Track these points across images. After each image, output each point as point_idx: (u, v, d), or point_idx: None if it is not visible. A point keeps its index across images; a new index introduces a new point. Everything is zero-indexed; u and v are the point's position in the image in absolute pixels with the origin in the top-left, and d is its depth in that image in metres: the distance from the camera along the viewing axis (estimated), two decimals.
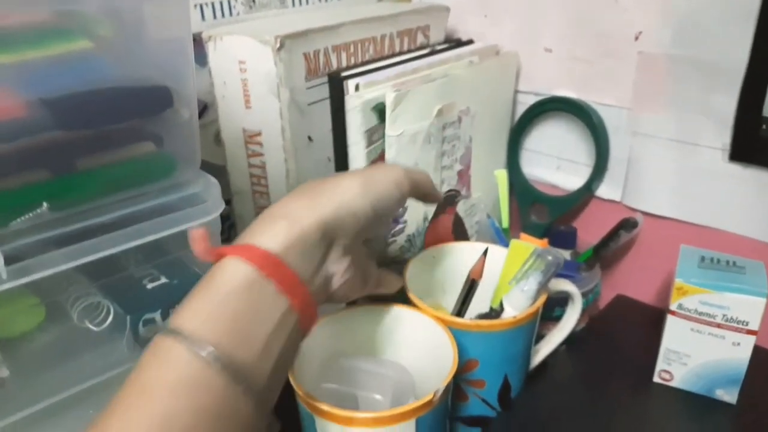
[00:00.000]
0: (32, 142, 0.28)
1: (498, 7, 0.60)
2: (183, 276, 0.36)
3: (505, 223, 0.56)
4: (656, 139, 0.53)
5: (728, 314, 0.44)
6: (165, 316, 0.34)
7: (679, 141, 0.52)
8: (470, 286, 0.44)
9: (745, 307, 0.43)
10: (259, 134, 0.48)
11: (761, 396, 0.46)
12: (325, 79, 0.49)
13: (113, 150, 0.31)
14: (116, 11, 0.32)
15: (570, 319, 0.49)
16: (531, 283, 0.43)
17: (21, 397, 0.30)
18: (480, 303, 0.47)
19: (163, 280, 0.35)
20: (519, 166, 0.62)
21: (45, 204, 0.28)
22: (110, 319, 0.33)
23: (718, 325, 0.44)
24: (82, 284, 0.34)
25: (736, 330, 0.44)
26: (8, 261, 0.26)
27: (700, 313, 0.45)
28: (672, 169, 0.53)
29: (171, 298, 0.34)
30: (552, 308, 0.52)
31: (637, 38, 0.52)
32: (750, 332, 0.44)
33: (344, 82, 0.48)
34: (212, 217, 0.34)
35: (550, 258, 0.43)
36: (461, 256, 0.50)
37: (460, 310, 0.45)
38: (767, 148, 0.47)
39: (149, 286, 0.35)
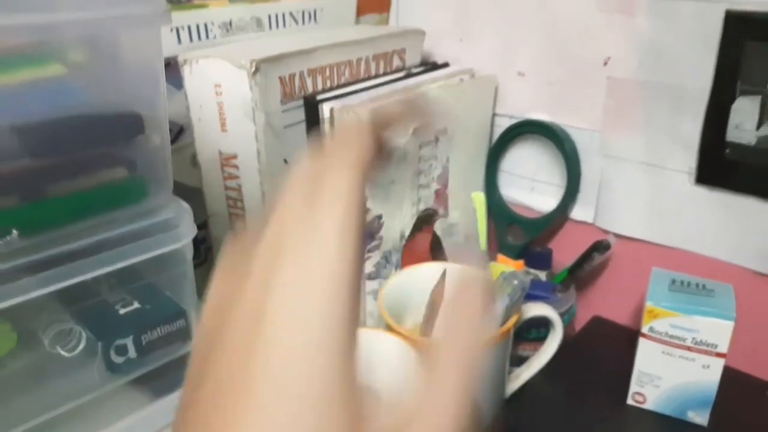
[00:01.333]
0: (1, 168, 0.28)
1: (473, 31, 0.61)
2: (155, 301, 0.36)
3: (483, 245, 0.56)
4: (626, 162, 0.54)
5: (697, 337, 0.45)
6: (137, 341, 0.33)
7: (648, 164, 0.53)
8: (431, 308, 0.45)
9: (714, 330, 0.44)
10: (235, 157, 0.48)
11: (732, 418, 0.47)
12: (301, 102, 0.49)
13: (84, 175, 0.31)
14: (90, 37, 0.32)
15: (551, 345, 0.50)
16: (498, 307, 0.44)
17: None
18: None
19: (136, 305, 0.35)
20: (497, 187, 0.63)
21: (14, 231, 0.27)
22: (82, 345, 0.33)
23: (688, 348, 0.45)
24: (54, 310, 0.34)
25: (706, 353, 0.45)
26: None
27: (671, 336, 0.46)
28: (642, 192, 0.54)
29: (143, 323, 0.34)
30: (528, 330, 0.53)
31: (605, 63, 0.53)
32: (719, 355, 0.44)
33: (319, 105, 0.48)
34: (184, 243, 0.34)
35: (515, 282, 0.43)
36: (438, 275, 0.51)
37: (425, 330, 0.45)
38: (731, 171, 0.48)
39: (122, 311, 0.35)
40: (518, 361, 0.51)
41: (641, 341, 0.47)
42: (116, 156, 0.32)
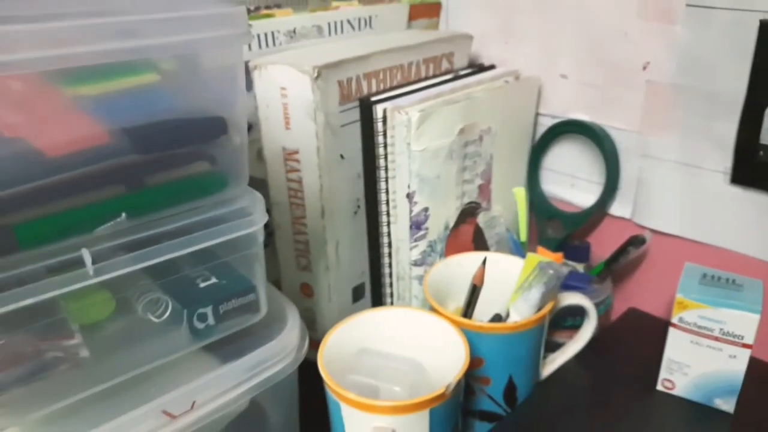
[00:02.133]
0: (113, 163, 0.33)
1: (518, 35, 0.65)
2: (229, 277, 0.41)
3: (523, 237, 0.60)
4: (664, 162, 0.57)
5: (725, 328, 0.47)
6: (215, 310, 0.39)
7: (685, 164, 0.55)
8: (472, 291, 0.49)
9: (741, 322, 0.46)
10: (296, 152, 0.53)
11: (757, 406, 0.49)
12: (357, 103, 0.54)
13: (175, 169, 0.37)
14: (181, 53, 0.38)
15: (586, 332, 0.53)
16: (534, 294, 0.47)
17: (96, 375, 0.36)
18: (495, 309, 0.51)
19: (213, 280, 0.41)
20: (538, 183, 0.66)
21: (123, 214, 0.33)
22: (168, 312, 0.39)
23: (716, 338, 0.48)
24: (145, 282, 0.40)
25: (733, 343, 0.47)
26: (93, 261, 0.32)
27: (700, 327, 0.48)
28: (678, 190, 0.56)
29: (221, 295, 0.40)
30: (564, 318, 0.56)
31: (645, 68, 0.55)
32: (745, 346, 0.47)
33: (374, 107, 0.53)
34: (256, 228, 0.39)
35: (551, 272, 0.47)
36: (475, 268, 0.55)
37: (466, 312, 0.49)
38: (765, 172, 0.50)
39: (202, 285, 0.40)
40: (554, 347, 0.55)
41: (671, 331, 0.49)
42: (202, 153, 0.37)
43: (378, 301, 0.61)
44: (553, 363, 0.54)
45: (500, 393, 0.49)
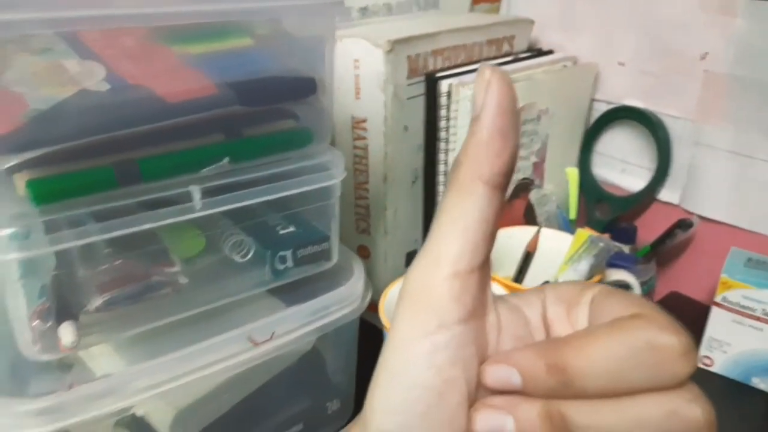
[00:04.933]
0: (219, 112, 0.38)
1: (577, 22, 0.67)
2: (306, 226, 0.45)
3: (573, 215, 0.63)
4: (716, 150, 0.59)
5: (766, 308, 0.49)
6: (294, 254, 0.43)
7: (737, 153, 0.57)
8: (526, 257, 0.52)
9: None
10: (364, 121, 0.57)
11: None
12: (423, 78, 0.57)
13: (269, 123, 0.41)
14: (275, 18, 0.42)
15: None
16: (583, 265, 0.50)
17: (191, 301, 0.40)
18: (544, 279, 0.54)
19: (292, 228, 0.45)
20: (589, 166, 0.69)
21: (227, 159, 0.37)
22: (251, 253, 0.43)
23: (758, 318, 0.50)
24: (231, 225, 0.44)
25: None
26: (196, 196, 0.37)
27: (742, 307, 0.51)
28: (728, 178, 0.58)
29: (299, 241, 0.44)
30: None
31: (703, 58, 0.57)
32: None
33: (439, 82, 0.56)
34: (336, 181, 0.43)
35: (601, 245, 0.50)
36: (529, 237, 0.58)
37: (517, 277, 0.52)
38: None
39: (281, 231, 0.44)
40: None
41: (714, 309, 0.52)
42: (292, 110, 0.41)
43: None
44: None
45: None
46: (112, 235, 0.35)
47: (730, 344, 0.52)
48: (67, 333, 0.35)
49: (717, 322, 0.52)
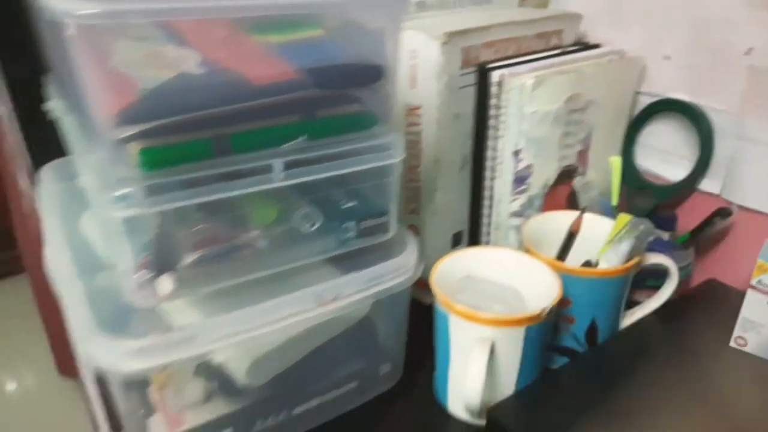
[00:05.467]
0: (298, 94, 0.42)
1: (625, 17, 0.69)
2: (366, 202, 0.50)
3: (615, 202, 0.66)
4: (757, 143, 0.61)
5: None
6: (357, 225, 0.48)
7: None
8: (569, 237, 0.55)
9: None
10: (419, 108, 0.61)
11: None
12: (475, 68, 0.61)
13: (341, 106, 0.45)
14: (345, 11, 0.46)
15: (666, 289, 0.58)
16: (624, 246, 0.53)
17: (267, 262, 0.45)
18: (586, 259, 0.58)
19: (354, 203, 0.50)
20: (632, 156, 0.71)
21: (305, 136, 0.42)
22: (318, 224, 0.48)
23: None
24: (300, 198, 0.49)
25: None
26: (277, 169, 0.41)
27: None
28: (759, 167, 0.60)
29: (359, 215, 0.49)
30: (646, 278, 0.62)
31: (748, 53, 0.59)
32: None
33: (490, 72, 0.60)
34: (396, 160, 0.47)
35: (642, 227, 0.53)
36: (572, 220, 0.61)
37: (561, 255, 0.56)
38: None
39: (345, 205, 0.49)
40: (634, 305, 0.60)
41: (749, 292, 0.54)
42: (360, 95, 0.46)
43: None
44: (633, 316, 0.60)
45: (582, 333, 0.56)
46: (203, 200, 0.40)
47: (764, 325, 0.54)
48: (166, 283, 0.41)
49: (752, 304, 0.54)
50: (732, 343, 0.57)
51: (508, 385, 0.50)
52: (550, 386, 0.52)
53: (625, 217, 0.56)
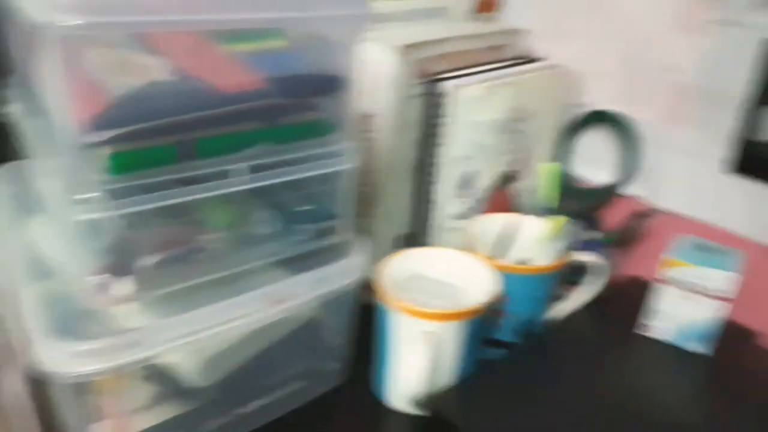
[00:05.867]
0: (261, 103, 0.45)
1: (565, 34, 0.75)
2: (320, 206, 0.53)
3: (550, 205, 0.71)
4: (674, 150, 0.68)
5: (705, 284, 0.57)
6: (308, 229, 0.51)
7: (692, 153, 0.67)
8: (506, 238, 0.60)
9: (718, 279, 0.57)
10: (373, 116, 0.65)
11: (728, 351, 0.60)
12: (427, 79, 0.65)
13: (299, 114, 0.48)
14: (306, 24, 0.49)
15: (595, 284, 0.64)
16: (554, 246, 0.59)
17: (225, 263, 0.48)
18: (520, 258, 0.63)
19: (306, 207, 0.52)
20: (566, 162, 0.78)
21: (264, 143, 0.45)
22: (273, 227, 0.51)
23: (696, 292, 0.58)
24: (256, 201, 0.52)
25: (712, 297, 0.57)
26: (236, 175, 0.44)
27: (681, 282, 0.58)
28: (684, 175, 0.68)
29: (312, 219, 0.52)
30: (574, 275, 0.67)
31: (669, 70, 0.67)
32: (721, 299, 0.57)
33: (440, 83, 0.64)
34: (350, 166, 0.50)
35: (573, 229, 0.58)
36: (511, 221, 0.66)
37: (499, 254, 0.61)
38: (756, 163, 0.62)
39: (298, 210, 0.52)
40: (565, 300, 0.66)
41: (656, 284, 0.60)
42: (318, 103, 0.49)
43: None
44: (564, 309, 0.65)
45: (515, 326, 0.61)
46: (164, 203, 0.42)
47: (669, 314, 0.60)
48: (123, 286, 0.43)
49: (659, 295, 0.60)
50: (641, 331, 0.62)
51: (448, 376, 0.55)
52: (487, 377, 0.56)
53: (558, 220, 0.62)
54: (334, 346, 0.58)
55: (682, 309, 0.60)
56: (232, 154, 0.45)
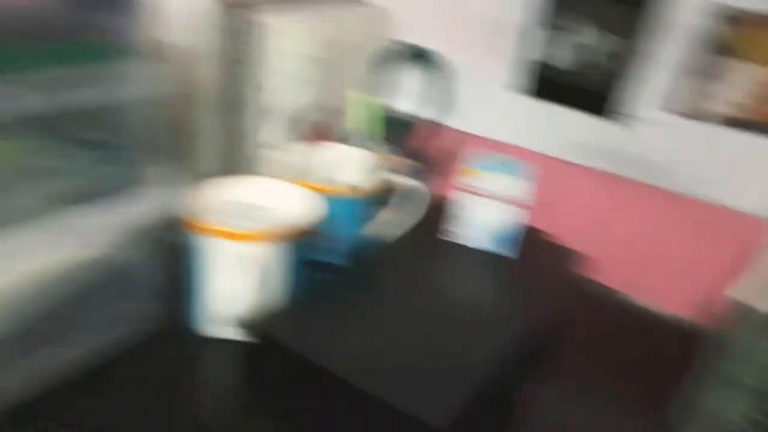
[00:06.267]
0: (46, 20, 0.40)
1: None
2: (118, 138, 0.49)
3: (364, 133, 0.73)
4: (473, 79, 0.74)
5: (499, 190, 0.63)
6: (103, 162, 0.48)
7: (485, 79, 0.73)
8: (322, 164, 0.61)
9: (511, 185, 0.63)
10: (177, 46, 0.61)
11: (528, 254, 0.67)
12: (239, 10, 0.63)
13: (84, 33, 0.44)
14: None
15: (413, 208, 0.67)
16: (376, 173, 0.61)
17: (17, 199, 0.43)
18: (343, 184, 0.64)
19: (103, 137, 0.49)
20: (380, 93, 0.80)
21: (50, 63, 0.40)
22: (63, 160, 0.46)
23: (493, 197, 0.64)
24: (44, 131, 0.46)
25: (507, 202, 0.63)
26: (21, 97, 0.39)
27: (475, 187, 0.64)
28: (480, 99, 0.74)
29: (108, 151, 0.48)
30: (397, 199, 0.70)
31: (472, 10, 0.72)
32: (516, 204, 0.63)
33: (252, 14, 0.62)
34: (147, 94, 0.47)
35: (392, 157, 0.61)
36: (335, 151, 0.67)
37: (325, 181, 0.62)
38: (544, 85, 0.70)
39: (92, 139, 0.48)
40: (387, 223, 0.68)
41: (454, 192, 0.65)
42: (106, 24, 0.45)
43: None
44: (387, 233, 0.68)
45: (340, 249, 0.62)
46: None
47: (468, 220, 0.65)
48: None
49: (458, 202, 0.65)
50: (444, 236, 0.67)
51: (273, 300, 0.54)
52: (314, 300, 0.56)
53: (375, 146, 0.64)
54: (147, 286, 0.56)
55: (482, 215, 0.65)
56: (19, 74, 0.40)
